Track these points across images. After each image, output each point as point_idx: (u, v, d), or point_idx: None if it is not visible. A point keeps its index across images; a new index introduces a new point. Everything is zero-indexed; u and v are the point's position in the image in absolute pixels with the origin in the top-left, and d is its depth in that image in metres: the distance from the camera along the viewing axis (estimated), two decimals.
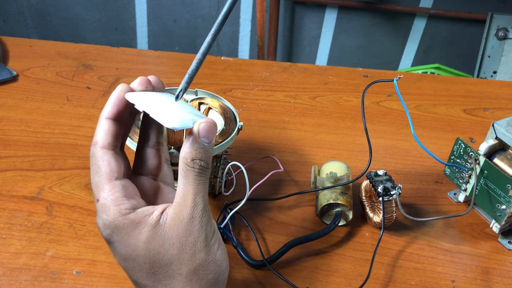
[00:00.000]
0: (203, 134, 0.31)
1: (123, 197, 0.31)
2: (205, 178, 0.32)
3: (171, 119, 0.31)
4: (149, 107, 0.32)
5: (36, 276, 0.45)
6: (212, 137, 0.32)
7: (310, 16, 1.68)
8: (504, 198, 0.48)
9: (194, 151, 0.31)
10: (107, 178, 0.32)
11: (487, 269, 0.48)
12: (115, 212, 0.31)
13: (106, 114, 0.33)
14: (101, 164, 0.32)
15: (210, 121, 0.32)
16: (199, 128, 0.31)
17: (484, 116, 0.71)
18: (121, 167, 0.33)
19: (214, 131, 0.32)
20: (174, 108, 0.33)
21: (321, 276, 0.47)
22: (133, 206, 0.31)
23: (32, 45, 0.81)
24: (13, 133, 0.62)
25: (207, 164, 0.32)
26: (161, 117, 0.31)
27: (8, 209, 0.51)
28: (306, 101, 0.72)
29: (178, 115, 0.32)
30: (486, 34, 1.47)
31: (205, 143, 0.31)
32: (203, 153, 0.31)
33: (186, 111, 0.33)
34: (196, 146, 0.31)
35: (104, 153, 0.32)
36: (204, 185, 0.32)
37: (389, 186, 0.48)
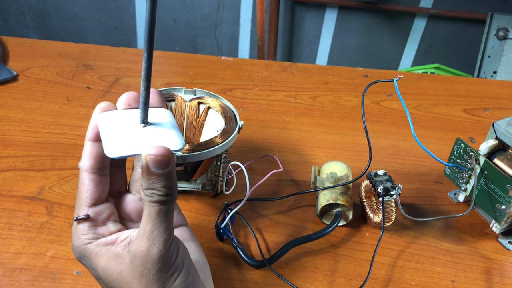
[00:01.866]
0: (152, 165, 0.29)
1: (90, 227, 0.33)
2: (165, 207, 0.30)
3: (113, 146, 0.30)
4: (106, 130, 0.32)
5: (36, 276, 0.45)
6: (164, 166, 0.29)
7: (310, 16, 1.68)
8: (504, 198, 0.48)
9: (147, 182, 0.30)
10: (83, 204, 0.33)
11: (487, 269, 0.48)
12: (79, 241, 0.33)
13: (88, 136, 0.34)
14: (81, 188, 0.33)
15: (160, 153, 0.29)
16: (147, 160, 0.29)
17: (484, 116, 0.71)
18: (101, 192, 0.33)
19: (165, 162, 0.29)
20: (132, 133, 0.32)
21: (321, 276, 0.47)
22: (96, 236, 0.33)
23: (32, 45, 0.81)
24: (13, 133, 0.62)
25: (163, 193, 0.30)
26: (105, 143, 0.31)
27: (8, 209, 0.51)
28: (306, 101, 0.72)
29: (126, 142, 0.31)
30: (486, 34, 1.47)
31: (158, 172, 0.29)
32: (158, 182, 0.29)
33: (142, 137, 0.31)
34: (147, 177, 0.30)
35: (85, 177, 0.33)
36: (165, 216, 0.30)
37: (389, 186, 0.48)
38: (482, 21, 1.52)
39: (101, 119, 0.33)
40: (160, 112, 0.34)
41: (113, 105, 0.34)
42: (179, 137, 0.32)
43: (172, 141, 0.32)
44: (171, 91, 0.56)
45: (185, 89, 0.56)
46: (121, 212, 0.37)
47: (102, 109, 0.33)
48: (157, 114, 0.34)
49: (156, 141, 0.31)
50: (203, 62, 0.79)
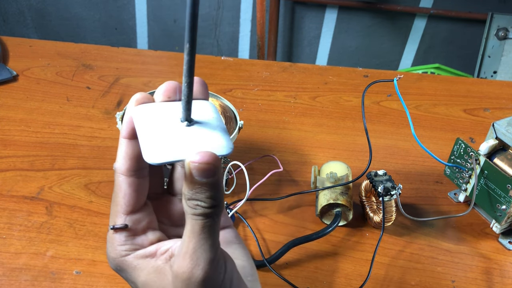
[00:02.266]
0: (196, 174, 0.25)
1: (127, 237, 0.29)
2: (211, 221, 0.26)
3: (152, 150, 0.26)
4: (143, 129, 0.27)
5: (36, 276, 0.45)
6: (210, 175, 0.25)
7: (310, 16, 1.67)
8: (504, 198, 0.48)
9: (190, 191, 0.26)
10: (120, 211, 0.29)
11: (488, 269, 0.48)
12: (115, 252, 0.29)
13: (123, 133, 0.29)
14: (117, 193, 0.29)
15: (205, 160, 0.25)
16: (190, 167, 0.25)
17: (484, 116, 0.71)
18: (139, 197, 0.29)
19: (210, 170, 0.25)
20: (173, 134, 0.27)
21: (321, 276, 0.47)
22: (134, 247, 0.29)
23: (32, 45, 0.81)
24: (13, 133, 0.62)
25: (208, 205, 0.26)
26: (144, 146, 0.26)
27: (8, 209, 0.51)
28: (306, 101, 0.72)
29: (167, 145, 0.26)
30: (486, 34, 1.47)
31: (202, 181, 0.25)
32: (203, 193, 0.26)
33: (184, 139, 0.27)
34: (191, 185, 0.25)
35: (122, 181, 0.29)
36: (210, 231, 0.26)
37: (389, 186, 0.48)
38: (482, 21, 1.52)
39: (136, 113, 0.28)
40: (203, 106, 0.30)
41: (150, 96, 0.29)
42: (226, 139, 0.28)
43: (218, 144, 0.27)
44: None
45: None
46: (161, 216, 0.33)
47: (138, 101, 0.29)
48: (200, 109, 0.29)
49: (200, 144, 0.27)
50: (203, 62, 0.79)
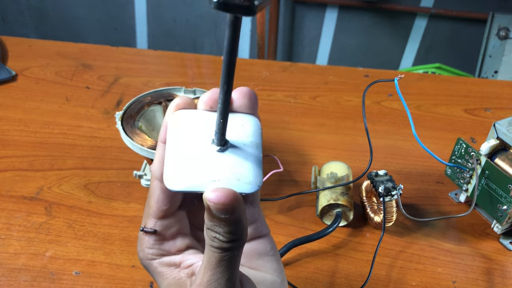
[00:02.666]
0: (214, 210, 0.24)
1: (156, 241, 0.29)
2: (229, 255, 0.25)
3: (173, 175, 0.24)
4: (172, 144, 0.25)
5: (35, 277, 0.45)
6: (228, 213, 0.24)
7: (311, 16, 1.67)
8: (506, 198, 0.48)
9: (209, 222, 0.25)
10: (151, 215, 0.29)
11: (489, 270, 0.48)
12: (143, 253, 0.29)
13: (161, 137, 0.28)
14: (152, 197, 0.29)
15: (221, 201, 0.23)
16: (207, 200, 0.24)
17: (485, 116, 0.71)
18: (172, 204, 0.29)
19: (227, 210, 0.24)
20: (201, 157, 0.25)
21: (321, 277, 0.46)
22: (161, 252, 0.29)
23: (31, 45, 0.81)
24: (12, 133, 0.62)
25: (226, 239, 0.25)
26: (166, 167, 0.25)
27: (7, 210, 0.51)
28: (306, 101, 0.72)
29: (190, 171, 0.24)
30: (487, 33, 1.47)
31: (220, 217, 0.24)
32: (219, 227, 0.24)
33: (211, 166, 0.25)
34: (210, 217, 0.24)
35: (156, 186, 0.28)
36: (227, 266, 0.25)
37: (390, 186, 0.48)
38: (483, 21, 1.52)
39: (172, 121, 0.26)
40: (245, 124, 0.27)
41: (192, 102, 0.28)
42: (255, 173, 0.25)
43: (244, 178, 0.25)
44: (171, 90, 0.55)
45: (185, 89, 0.56)
46: (195, 220, 0.32)
47: (178, 107, 0.27)
48: (240, 126, 0.26)
49: (226, 176, 0.25)
50: (203, 62, 0.79)
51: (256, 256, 0.31)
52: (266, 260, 0.31)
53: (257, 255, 0.31)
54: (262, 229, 0.31)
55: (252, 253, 0.31)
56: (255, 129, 0.27)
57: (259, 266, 0.31)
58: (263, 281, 0.30)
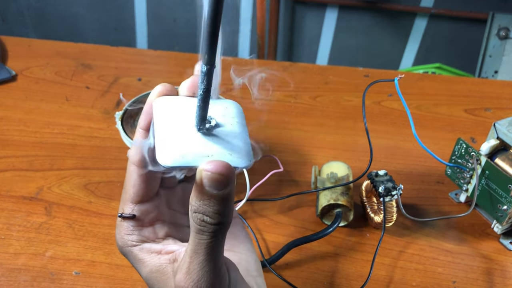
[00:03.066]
0: (207, 183, 0.24)
1: (135, 227, 0.29)
2: (215, 240, 0.25)
3: (166, 151, 0.25)
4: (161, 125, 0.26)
5: (35, 277, 0.44)
6: (222, 187, 0.24)
7: (311, 16, 1.67)
8: (506, 198, 0.48)
9: (197, 202, 0.25)
10: (129, 200, 0.29)
11: (489, 270, 0.48)
12: (122, 241, 0.29)
13: (141, 123, 0.28)
14: (127, 181, 0.29)
15: (218, 170, 0.23)
16: (202, 176, 0.24)
17: (485, 116, 0.71)
18: (150, 188, 0.29)
19: (223, 182, 0.24)
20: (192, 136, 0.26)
21: (321, 277, 0.46)
22: (141, 238, 0.29)
23: (31, 45, 0.81)
24: (12, 133, 0.62)
25: (214, 220, 0.24)
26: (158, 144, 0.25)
27: (6, 210, 0.51)
28: (306, 101, 0.72)
29: (183, 148, 0.25)
30: (487, 33, 1.47)
31: (213, 192, 0.24)
32: (208, 206, 0.24)
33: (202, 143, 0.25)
34: (199, 196, 0.24)
35: (133, 170, 0.28)
36: (214, 252, 0.25)
37: (390, 186, 0.48)
38: (483, 21, 1.52)
39: (157, 106, 0.27)
40: (228, 107, 0.28)
41: (173, 89, 0.28)
42: (246, 150, 0.26)
43: (238, 155, 0.25)
44: None
45: None
46: (174, 203, 0.32)
47: (160, 93, 0.28)
48: (225, 110, 0.28)
49: (218, 152, 0.25)
50: None
51: (230, 238, 0.31)
52: (240, 241, 0.32)
53: (231, 237, 0.32)
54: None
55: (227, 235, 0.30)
56: (238, 110, 0.28)
57: (234, 247, 0.31)
58: (239, 262, 0.31)
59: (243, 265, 0.31)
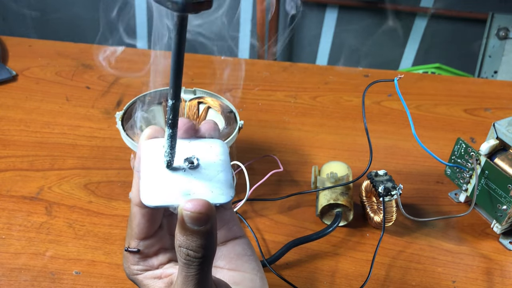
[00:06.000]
0: (188, 221, 0.25)
1: (140, 259, 0.31)
2: (196, 270, 0.26)
3: (148, 192, 0.26)
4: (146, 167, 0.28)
5: (36, 277, 0.45)
6: (202, 223, 0.25)
7: (311, 16, 1.67)
8: (505, 198, 0.48)
9: (180, 237, 0.26)
10: (134, 236, 0.31)
11: (488, 270, 0.48)
12: (129, 270, 0.32)
13: (136, 167, 0.30)
14: (132, 220, 0.30)
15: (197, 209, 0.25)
16: (182, 215, 0.25)
17: (485, 116, 0.71)
18: (153, 226, 0.31)
19: (202, 219, 0.25)
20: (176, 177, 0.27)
21: (321, 276, 0.47)
22: (145, 268, 0.31)
23: (32, 45, 0.81)
24: (12, 133, 0.62)
25: (198, 254, 0.26)
26: (142, 186, 0.27)
27: (7, 209, 0.51)
28: (306, 101, 0.72)
29: (164, 188, 0.27)
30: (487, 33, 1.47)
31: (194, 228, 0.25)
32: (191, 241, 0.26)
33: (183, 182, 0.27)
34: (182, 231, 0.26)
35: (136, 211, 0.30)
36: (199, 281, 0.27)
37: (390, 186, 0.48)
38: (483, 21, 1.52)
39: (144, 148, 0.29)
40: (212, 146, 0.30)
41: (162, 130, 0.30)
42: (226, 185, 0.28)
43: (216, 191, 0.27)
44: None
45: (185, 89, 0.56)
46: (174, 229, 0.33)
47: (149, 136, 0.29)
48: (208, 149, 0.29)
49: (198, 190, 0.27)
50: (203, 62, 0.79)
51: (234, 258, 0.32)
52: (244, 260, 0.33)
53: (235, 257, 0.32)
54: (237, 231, 0.33)
55: (231, 255, 0.32)
56: (223, 149, 0.30)
57: (238, 267, 0.32)
58: (243, 281, 0.32)
59: (247, 284, 0.32)
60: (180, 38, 0.24)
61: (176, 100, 0.26)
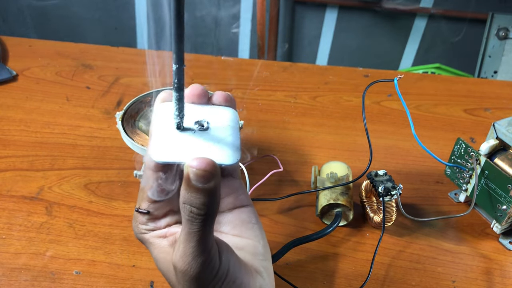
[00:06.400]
0: (193, 178, 0.26)
1: (149, 219, 0.33)
2: (198, 227, 0.27)
3: (157, 148, 0.28)
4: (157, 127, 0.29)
5: (36, 277, 0.45)
6: (206, 181, 0.26)
7: (311, 16, 1.67)
8: (505, 198, 0.48)
9: (185, 194, 0.27)
10: (145, 199, 0.32)
11: (488, 270, 0.48)
12: (137, 229, 0.33)
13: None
14: (144, 184, 0.32)
15: (202, 166, 0.26)
16: (188, 172, 0.26)
17: (485, 116, 0.71)
18: (163, 188, 0.31)
19: (206, 176, 0.26)
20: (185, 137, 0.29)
21: (321, 276, 0.47)
22: (152, 228, 0.33)
23: (32, 45, 0.81)
24: (13, 133, 0.62)
25: (201, 211, 0.27)
26: (152, 142, 0.28)
27: (7, 209, 0.51)
28: (306, 101, 0.72)
29: (172, 146, 0.28)
30: (487, 34, 1.47)
31: (198, 186, 0.26)
32: (195, 198, 0.27)
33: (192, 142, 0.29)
34: (187, 188, 0.27)
35: (149, 175, 0.31)
36: (203, 238, 0.28)
37: (390, 186, 0.48)
38: (482, 21, 1.52)
39: (157, 110, 0.30)
40: (224, 114, 0.31)
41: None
42: (233, 148, 0.29)
43: (223, 152, 0.28)
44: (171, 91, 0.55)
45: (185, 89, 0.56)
46: None
47: (163, 100, 0.31)
48: (220, 115, 0.31)
49: (205, 150, 0.28)
50: (203, 62, 0.79)
51: (239, 224, 0.34)
52: (249, 227, 0.34)
53: (240, 223, 0.34)
54: (244, 200, 0.34)
55: (236, 221, 0.34)
56: (233, 117, 0.31)
57: (242, 233, 0.34)
58: (245, 246, 0.33)
59: (249, 250, 0.33)
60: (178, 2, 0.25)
61: (179, 64, 0.27)
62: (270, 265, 0.35)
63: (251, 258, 0.33)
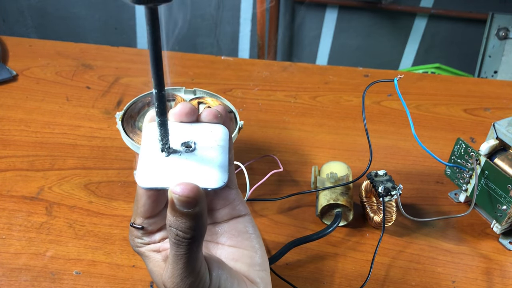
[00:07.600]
0: (177, 204, 0.26)
1: (143, 234, 0.33)
2: (184, 250, 0.27)
3: (143, 174, 0.27)
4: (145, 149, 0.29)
5: (36, 277, 0.45)
6: (190, 206, 0.26)
7: (311, 16, 1.67)
8: (505, 198, 0.48)
9: (171, 218, 0.27)
10: (139, 214, 0.32)
11: (488, 270, 0.48)
12: (133, 242, 0.34)
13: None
14: (138, 201, 0.31)
15: (185, 193, 0.26)
16: (172, 193, 0.26)
17: (485, 116, 0.71)
18: (157, 206, 0.32)
19: (190, 203, 0.26)
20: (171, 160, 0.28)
21: (321, 276, 0.47)
22: (147, 242, 0.33)
23: (32, 45, 0.81)
24: (13, 133, 0.62)
25: (186, 235, 0.27)
26: (138, 167, 0.28)
27: (7, 209, 0.51)
28: (306, 101, 0.72)
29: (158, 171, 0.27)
30: (487, 33, 1.47)
31: (183, 211, 0.26)
32: (181, 222, 0.27)
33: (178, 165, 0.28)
34: (173, 212, 0.27)
35: (142, 193, 0.31)
36: (190, 260, 0.28)
37: (390, 186, 0.48)
38: (482, 21, 1.52)
39: (145, 131, 0.30)
40: (212, 131, 0.30)
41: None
42: (220, 169, 0.28)
43: (209, 175, 0.27)
44: (171, 91, 0.56)
45: (185, 89, 0.56)
46: None
47: (151, 119, 0.30)
48: (210, 134, 0.30)
49: (190, 174, 0.27)
50: (203, 62, 0.79)
51: (236, 235, 0.33)
52: (245, 237, 0.33)
53: (236, 234, 0.33)
54: (241, 209, 0.34)
55: (232, 231, 0.33)
56: (222, 135, 0.30)
57: (238, 244, 0.33)
58: (242, 257, 0.33)
59: (245, 260, 0.33)
60: (153, 30, 0.25)
61: (159, 89, 0.27)
62: (267, 275, 0.34)
63: (247, 269, 0.33)
